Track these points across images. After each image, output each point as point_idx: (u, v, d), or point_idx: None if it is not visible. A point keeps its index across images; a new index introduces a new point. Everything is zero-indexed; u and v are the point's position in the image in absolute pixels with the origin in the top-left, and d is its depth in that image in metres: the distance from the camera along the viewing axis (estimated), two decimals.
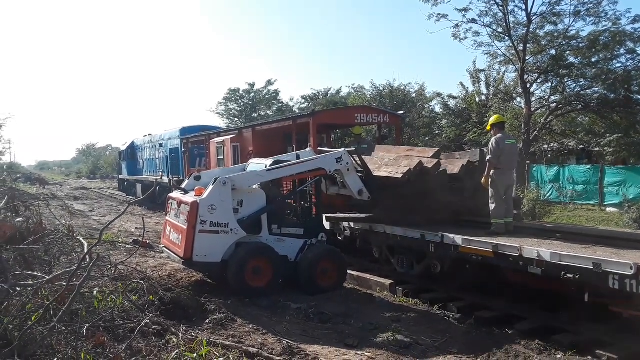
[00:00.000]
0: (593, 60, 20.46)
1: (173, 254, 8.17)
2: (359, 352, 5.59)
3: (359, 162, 9.06)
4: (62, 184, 48.59)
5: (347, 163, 8.60)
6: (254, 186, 8.26)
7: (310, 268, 8.07)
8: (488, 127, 8.47)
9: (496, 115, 8.57)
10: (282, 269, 8.05)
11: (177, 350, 4.72)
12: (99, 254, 5.30)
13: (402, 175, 8.58)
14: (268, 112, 47.44)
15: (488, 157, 7.91)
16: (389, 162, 9.31)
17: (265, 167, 8.50)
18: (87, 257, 5.14)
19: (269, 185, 8.41)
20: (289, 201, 8.99)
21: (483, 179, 8.01)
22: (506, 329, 6.82)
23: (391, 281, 8.79)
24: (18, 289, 5.09)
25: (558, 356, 5.95)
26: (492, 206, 7.92)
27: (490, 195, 7.97)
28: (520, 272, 6.87)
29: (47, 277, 5.13)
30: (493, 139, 7.95)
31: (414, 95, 32.59)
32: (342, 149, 8.94)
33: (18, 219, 8.99)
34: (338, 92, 45.36)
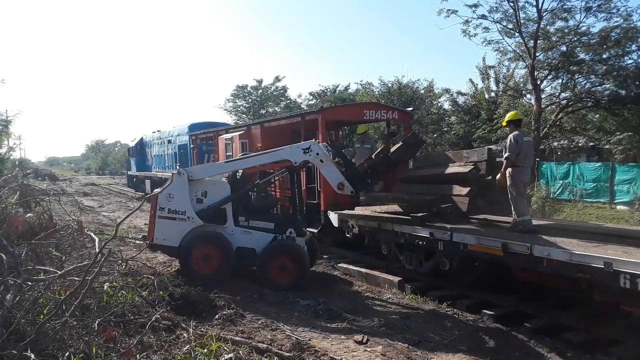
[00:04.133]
0: (604, 56, 20.27)
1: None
2: (368, 349, 5.59)
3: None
4: (71, 179, 48.95)
5: (317, 154, 8.26)
6: (223, 178, 8.74)
7: (264, 262, 8.13)
8: (504, 123, 8.25)
9: (513, 112, 8.33)
10: (232, 259, 8.22)
11: (188, 346, 4.75)
12: (110, 249, 5.34)
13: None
14: (276, 108, 47.45)
15: (506, 155, 7.64)
16: None
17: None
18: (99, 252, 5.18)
19: (236, 177, 8.79)
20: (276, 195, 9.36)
21: (499, 176, 7.82)
22: (516, 326, 6.80)
23: (400, 278, 8.78)
24: (30, 283, 5.15)
25: (568, 354, 5.93)
26: (515, 204, 7.70)
27: (512, 194, 7.73)
28: (530, 271, 6.84)
29: (59, 272, 5.18)
30: (511, 136, 7.71)
31: (422, 91, 32.43)
32: (312, 140, 8.68)
33: (29, 215, 9.10)
34: (346, 88, 45.30)
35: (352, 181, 8.49)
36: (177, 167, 9.02)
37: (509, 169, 7.68)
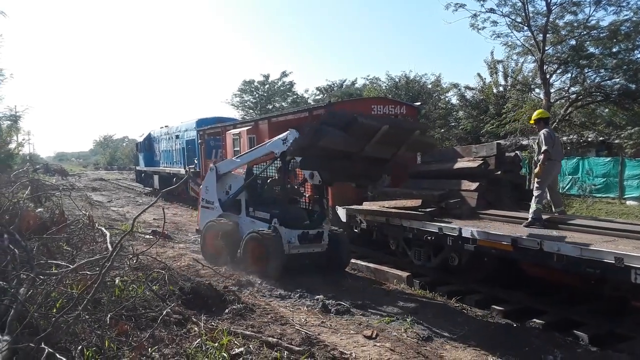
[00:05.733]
0: (614, 50, 20.05)
1: None
2: (378, 344, 5.61)
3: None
4: (80, 175, 49.23)
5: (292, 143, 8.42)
6: (242, 173, 9.51)
7: (244, 247, 8.66)
8: (531, 122, 8.33)
9: (540, 110, 8.49)
10: (232, 243, 8.94)
11: (199, 340, 4.78)
12: (122, 243, 5.37)
13: None
14: (283, 103, 47.47)
15: (544, 148, 7.58)
16: None
17: None
18: (110, 246, 5.21)
19: (251, 171, 9.49)
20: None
21: (538, 169, 7.71)
22: (525, 322, 6.79)
23: (408, 273, 8.79)
24: (43, 277, 5.19)
25: (578, 350, 5.91)
26: (536, 193, 7.69)
27: (536, 184, 7.74)
28: (539, 266, 6.82)
29: (71, 267, 5.22)
30: (544, 131, 7.73)
31: (430, 86, 32.32)
32: (290, 130, 8.65)
33: (39, 209, 9.19)
34: (353, 83, 45.28)
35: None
36: (195, 162, 9.70)
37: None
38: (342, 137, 7.36)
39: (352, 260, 10.05)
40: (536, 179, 7.77)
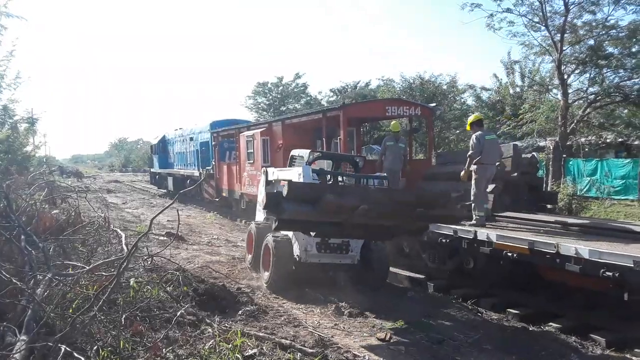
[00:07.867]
0: (633, 50, 19.70)
1: None
2: (392, 347, 5.57)
3: None
4: (95, 177, 49.79)
5: None
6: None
7: (263, 249, 8.55)
8: (468, 127, 8.78)
9: (475, 115, 9.03)
10: None
11: (212, 341, 4.79)
12: (137, 244, 5.41)
13: None
14: (296, 105, 47.45)
15: (469, 153, 8.25)
16: None
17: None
18: (126, 247, 5.25)
19: None
20: None
21: (463, 174, 8.32)
22: (541, 326, 6.69)
23: (422, 276, 8.72)
24: (59, 278, 5.25)
25: (596, 354, 5.81)
26: (474, 199, 8.18)
27: (473, 191, 8.23)
28: (556, 269, 6.72)
29: (87, 267, 5.27)
30: (473, 136, 8.35)
31: (445, 87, 32.06)
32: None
33: (55, 211, 9.30)
34: (367, 84, 45.08)
35: None
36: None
37: (474, 167, 8.19)
38: (309, 212, 6.10)
39: None
40: (472, 185, 8.26)
